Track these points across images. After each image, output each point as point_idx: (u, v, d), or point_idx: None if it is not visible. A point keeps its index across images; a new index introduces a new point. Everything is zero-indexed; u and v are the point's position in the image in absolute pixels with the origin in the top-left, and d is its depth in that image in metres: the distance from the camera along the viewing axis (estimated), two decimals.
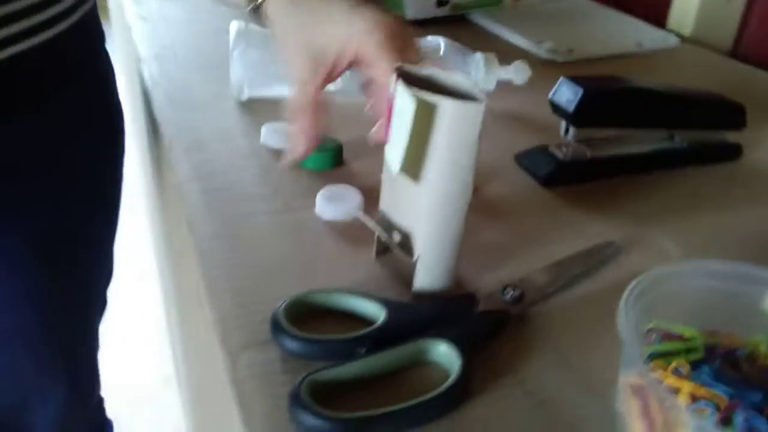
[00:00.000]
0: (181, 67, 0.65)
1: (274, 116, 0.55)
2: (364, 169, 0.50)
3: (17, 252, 0.53)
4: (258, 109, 0.58)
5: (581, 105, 0.48)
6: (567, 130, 0.51)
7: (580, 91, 0.48)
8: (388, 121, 0.35)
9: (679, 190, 0.52)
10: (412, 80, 0.34)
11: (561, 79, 0.50)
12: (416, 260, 0.36)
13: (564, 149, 0.51)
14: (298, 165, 0.50)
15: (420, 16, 0.84)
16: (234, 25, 0.57)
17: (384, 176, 0.38)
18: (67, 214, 0.56)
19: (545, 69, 0.75)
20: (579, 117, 0.49)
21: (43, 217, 0.53)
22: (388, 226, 0.38)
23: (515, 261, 0.42)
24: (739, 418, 0.27)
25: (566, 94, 0.49)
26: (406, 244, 0.36)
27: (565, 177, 0.51)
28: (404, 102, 0.32)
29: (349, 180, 0.47)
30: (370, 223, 0.38)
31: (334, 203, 0.44)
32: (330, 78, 0.45)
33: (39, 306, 0.57)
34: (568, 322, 0.37)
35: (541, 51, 0.77)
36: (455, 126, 0.32)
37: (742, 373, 0.30)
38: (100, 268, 0.65)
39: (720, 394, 0.28)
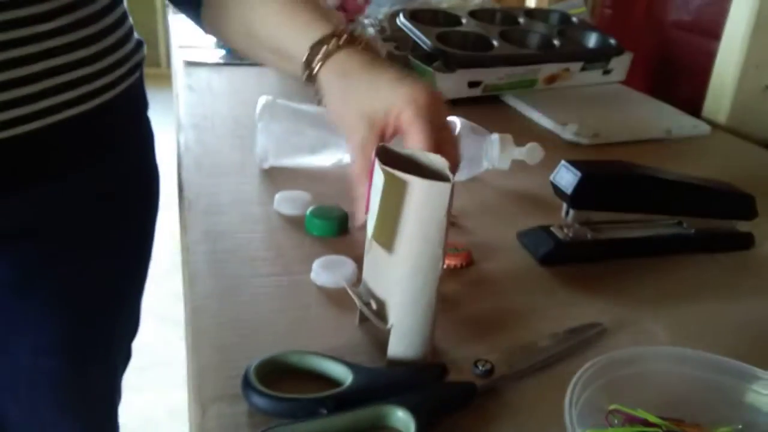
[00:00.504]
0: (215, 135, 0.70)
1: (291, 185, 0.59)
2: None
3: (47, 300, 0.57)
4: (277, 177, 0.61)
5: (579, 188, 0.49)
6: (567, 212, 0.52)
7: (578, 175, 0.49)
8: (368, 194, 0.37)
9: (681, 276, 0.51)
10: (393, 158, 0.36)
11: (561, 162, 0.51)
12: (390, 328, 0.37)
13: (565, 230, 0.52)
14: (306, 231, 0.53)
15: (452, 95, 0.87)
16: (261, 99, 0.62)
17: (366, 246, 0.40)
18: (97, 268, 0.59)
19: (568, 151, 0.77)
20: (578, 200, 0.50)
21: (74, 269, 0.57)
22: (368, 294, 0.39)
23: (499, 336, 0.43)
24: None
25: (566, 177, 0.50)
26: (381, 312, 0.38)
27: (563, 257, 0.51)
28: (379, 177, 0.35)
29: (351, 249, 0.50)
30: (352, 292, 0.39)
31: (328, 271, 0.46)
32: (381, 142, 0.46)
33: (62, 353, 0.60)
34: (537, 401, 0.37)
35: (566, 133, 0.79)
36: (424, 203, 0.34)
37: None
38: (126, 321, 0.69)
39: None
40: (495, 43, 0.88)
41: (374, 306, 0.38)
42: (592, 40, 0.96)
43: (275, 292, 0.45)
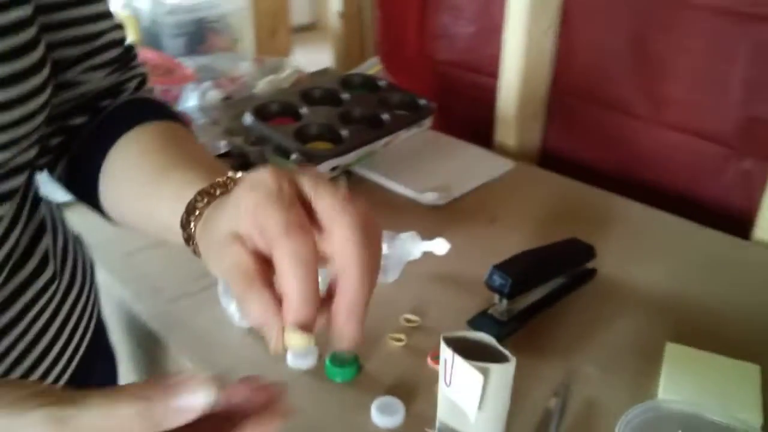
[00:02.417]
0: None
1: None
2: (380, 370, 0.68)
3: None
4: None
5: (512, 288, 0.70)
6: (501, 301, 0.73)
7: (509, 280, 0.70)
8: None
9: (574, 314, 0.76)
10: (456, 345, 0.53)
11: (491, 268, 0.72)
12: None
13: (502, 313, 0.74)
14: (327, 377, 0.66)
15: None
16: None
17: (443, 397, 0.56)
18: None
19: (429, 213, 0.97)
20: (511, 294, 0.71)
21: None
22: None
23: None
24: None
25: (498, 280, 0.71)
26: None
27: (506, 333, 0.73)
28: (468, 372, 0.51)
29: (371, 385, 0.65)
30: None
31: (385, 414, 0.61)
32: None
33: None
34: None
35: (426, 199, 1.00)
36: (503, 381, 0.52)
37: None
38: None
39: None
40: (343, 133, 1.04)
41: None
42: (404, 99, 1.16)
43: None
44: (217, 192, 0.45)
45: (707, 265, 0.86)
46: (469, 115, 1.31)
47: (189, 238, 0.45)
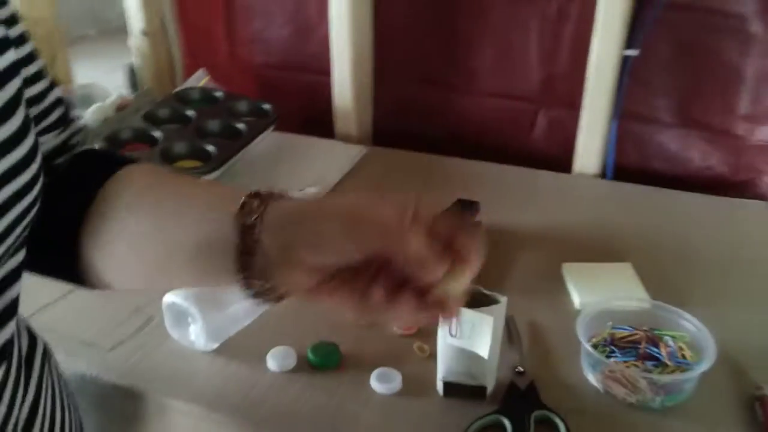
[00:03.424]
0: None
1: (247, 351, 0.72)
2: (358, 351, 0.73)
3: None
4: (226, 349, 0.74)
5: None
6: None
7: None
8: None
9: None
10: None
11: None
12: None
13: None
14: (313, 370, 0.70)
15: None
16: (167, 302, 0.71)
17: (444, 344, 0.64)
18: None
19: None
20: None
21: None
22: (458, 371, 0.65)
23: None
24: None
25: None
26: (476, 374, 0.65)
27: None
28: (478, 318, 0.60)
29: (357, 364, 0.71)
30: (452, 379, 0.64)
31: (383, 382, 0.68)
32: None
33: None
34: None
35: (310, 194, 1.05)
36: (500, 318, 0.62)
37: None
38: None
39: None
40: (208, 148, 1.04)
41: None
42: (249, 106, 1.19)
43: None
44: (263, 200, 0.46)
45: (549, 198, 1.06)
46: (299, 112, 1.37)
47: (247, 242, 0.45)
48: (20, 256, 0.48)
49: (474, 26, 1.18)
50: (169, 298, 0.72)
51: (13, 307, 0.48)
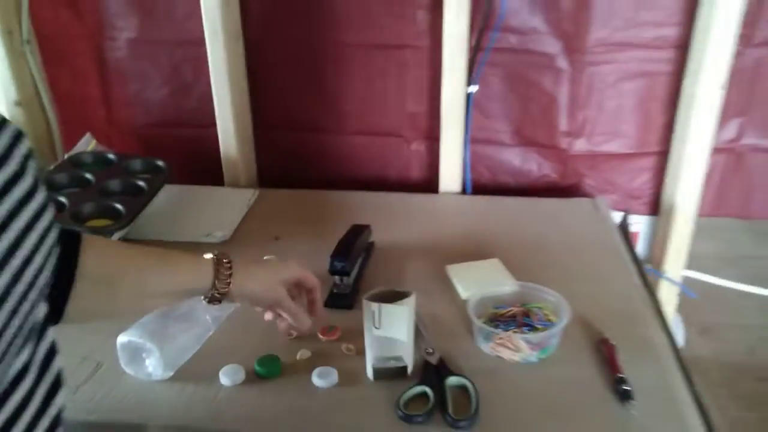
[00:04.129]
0: None
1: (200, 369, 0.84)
2: (295, 359, 0.87)
3: None
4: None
5: (350, 267, 0.97)
6: (342, 279, 0.98)
7: (346, 261, 0.96)
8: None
9: (382, 272, 1.06)
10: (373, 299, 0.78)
11: (330, 259, 0.96)
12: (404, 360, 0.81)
13: (346, 287, 0.99)
14: (260, 379, 0.83)
15: None
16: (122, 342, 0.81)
17: (370, 336, 0.80)
18: None
19: (226, 248, 1.15)
20: (349, 272, 0.97)
21: None
22: (382, 357, 0.81)
23: None
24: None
25: (339, 265, 0.96)
26: (397, 356, 0.81)
27: (352, 300, 0.99)
28: (396, 311, 0.76)
29: (298, 369, 0.84)
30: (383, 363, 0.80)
31: (322, 378, 0.82)
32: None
33: None
34: None
35: (216, 238, 1.17)
36: (412, 308, 0.79)
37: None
38: None
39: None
40: (117, 206, 1.13)
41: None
42: (144, 164, 1.28)
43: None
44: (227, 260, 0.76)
45: (424, 215, 1.26)
46: (185, 165, 1.47)
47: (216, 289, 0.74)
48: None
49: (341, 74, 1.37)
50: (123, 338, 0.81)
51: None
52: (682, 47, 1.23)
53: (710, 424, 0.78)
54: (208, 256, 0.76)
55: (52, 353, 0.56)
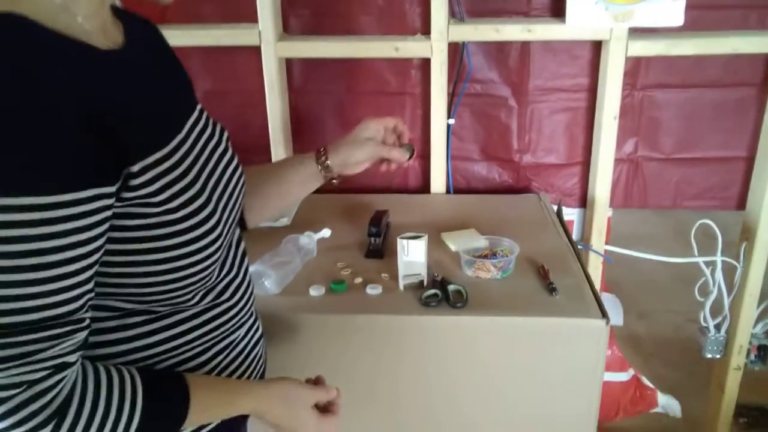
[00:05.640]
0: None
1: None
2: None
3: None
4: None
5: (383, 230, 1.52)
6: (375, 240, 1.53)
7: (379, 227, 1.51)
8: None
9: (394, 236, 1.61)
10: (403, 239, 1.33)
11: (369, 226, 1.52)
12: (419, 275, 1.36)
13: (378, 244, 1.54)
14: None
15: None
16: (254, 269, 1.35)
17: (401, 262, 1.34)
18: None
19: (291, 230, 1.70)
20: (381, 234, 1.53)
21: None
22: (411, 275, 1.36)
23: None
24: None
25: (374, 229, 1.52)
26: (416, 272, 1.36)
27: (383, 251, 1.53)
28: (418, 243, 1.31)
29: (355, 291, 1.39)
30: (409, 279, 1.34)
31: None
32: None
33: None
34: None
35: (282, 223, 1.70)
36: (426, 243, 1.34)
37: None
38: None
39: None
40: None
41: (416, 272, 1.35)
42: None
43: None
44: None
45: (421, 208, 1.82)
46: None
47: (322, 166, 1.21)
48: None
49: (358, 113, 1.94)
50: (252, 267, 1.34)
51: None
52: (592, 90, 1.84)
53: (602, 307, 1.34)
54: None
55: (244, 253, 1.11)
